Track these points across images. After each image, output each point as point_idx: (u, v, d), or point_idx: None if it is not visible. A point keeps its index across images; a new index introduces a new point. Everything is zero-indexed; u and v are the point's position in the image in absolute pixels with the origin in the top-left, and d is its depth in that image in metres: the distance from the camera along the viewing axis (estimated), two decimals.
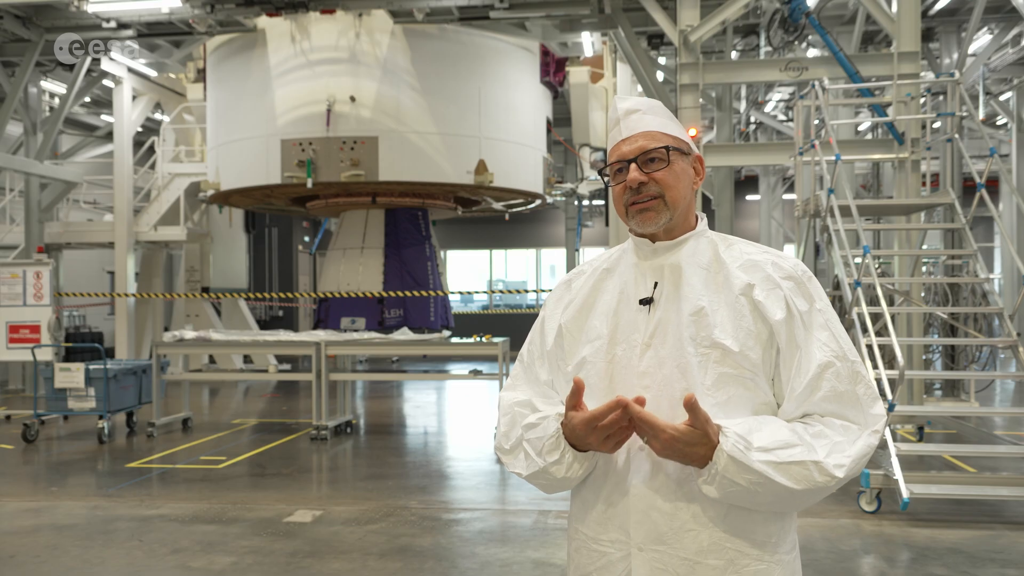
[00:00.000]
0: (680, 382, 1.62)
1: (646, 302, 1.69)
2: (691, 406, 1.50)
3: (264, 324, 21.15)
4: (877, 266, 8.21)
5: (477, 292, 25.04)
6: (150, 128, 18.09)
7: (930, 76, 11.58)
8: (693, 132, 9.02)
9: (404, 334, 10.13)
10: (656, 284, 1.70)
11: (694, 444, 1.52)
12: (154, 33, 12.51)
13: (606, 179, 1.76)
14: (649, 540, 1.61)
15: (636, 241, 1.76)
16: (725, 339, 1.62)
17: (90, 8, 11.27)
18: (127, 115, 15.02)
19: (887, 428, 6.38)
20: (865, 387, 1.62)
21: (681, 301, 1.67)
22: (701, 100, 9.86)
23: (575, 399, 1.60)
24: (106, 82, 15.01)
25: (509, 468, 1.76)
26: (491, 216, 18.65)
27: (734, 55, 12.48)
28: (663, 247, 1.72)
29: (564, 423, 1.63)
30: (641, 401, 1.55)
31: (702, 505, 1.60)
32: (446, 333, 12.08)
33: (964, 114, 8.42)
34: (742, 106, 16.30)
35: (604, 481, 1.67)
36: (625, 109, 1.75)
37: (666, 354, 1.64)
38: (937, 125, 12.47)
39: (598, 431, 1.56)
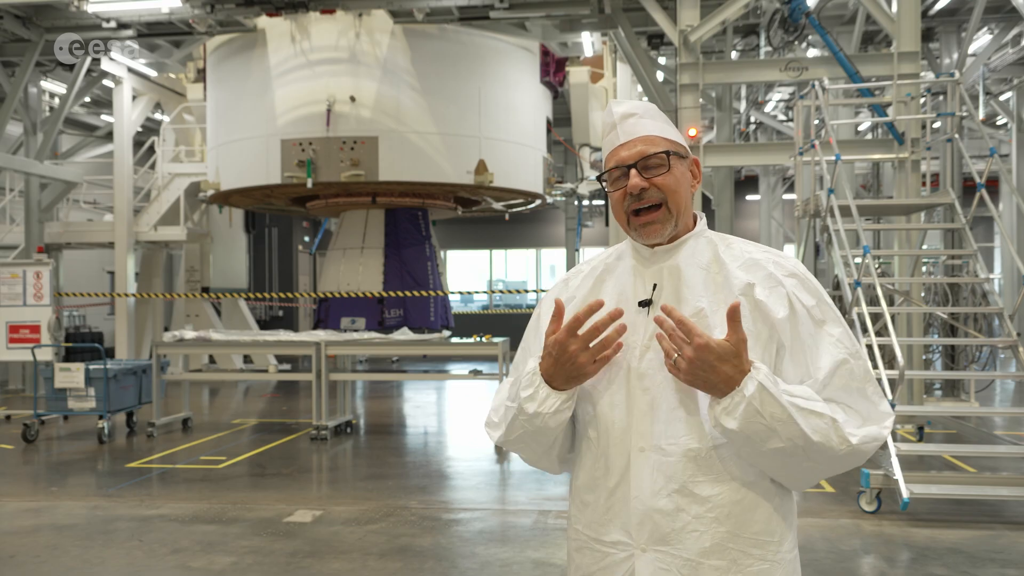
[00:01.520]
0: (678, 383, 1.62)
1: (645, 304, 1.69)
2: (733, 316, 1.50)
3: (264, 324, 21.15)
4: (877, 266, 8.21)
5: (477, 292, 25.05)
6: (150, 128, 18.09)
7: (930, 76, 11.58)
8: (693, 132, 9.02)
9: (404, 334, 10.13)
10: (655, 286, 1.70)
11: (724, 360, 1.51)
12: (154, 33, 12.51)
13: (604, 185, 1.75)
14: (652, 541, 1.62)
15: (635, 245, 1.75)
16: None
17: (90, 8, 11.27)
18: (127, 115, 15.02)
19: None
20: (874, 387, 1.64)
21: (680, 303, 1.67)
22: (701, 100, 9.86)
23: (556, 322, 1.62)
24: (106, 82, 15.01)
25: (493, 439, 1.78)
26: (491, 216, 18.65)
27: (734, 55, 12.48)
28: (662, 250, 1.72)
29: (544, 354, 1.64)
30: (618, 313, 1.59)
31: (704, 507, 1.60)
32: (446, 333, 12.08)
33: (964, 114, 8.41)
34: (742, 106, 16.30)
35: (605, 482, 1.67)
36: (621, 113, 1.74)
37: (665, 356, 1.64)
38: (937, 125, 12.47)
39: (580, 339, 1.58)
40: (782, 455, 1.54)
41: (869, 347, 6.52)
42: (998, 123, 18.26)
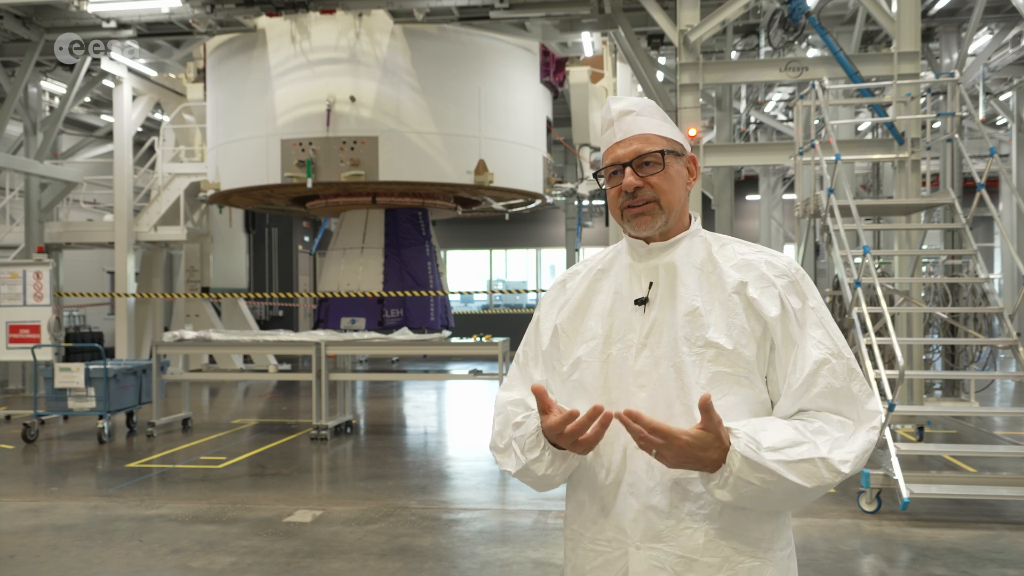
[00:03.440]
0: (675, 382, 1.63)
1: (641, 302, 1.70)
2: (706, 407, 1.49)
3: (264, 324, 21.15)
4: (877, 266, 8.20)
5: (477, 292, 25.04)
6: (150, 128, 18.09)
7: (930, 76, 11.58)
8: (693, 132, 9.02)
9: (404, 334, 10.13)
10: (651, 284, 1.71)
11: (707, 448, 1.51)
12: (154, 33, 12.51)
13: (601, 181, 1.76)
14: (646, 538, 1.62)
15: (631, 242, 1.76)
16: (719, 338, 1.62)
17: (90, 8, 11.28)
18: (127, 115, 15.02)
19: (888, 428, 6.38)
20: (860, 384, 1.63)
21: (676, 301, 1.67)
22: (701, 100, 9.87)
23: (542, 403, 1.61)
24: (106, 82, 15.01)
25: (501, 467, 1.77)
26: (491, 216, 18.65)
27: (734, 55, 12.48)
28: (657, 248, 1.72)
29: (542, 422, 1.65)
30: (597, 412, 1.54)
31: (698, 504, 1.61)
32: (446, 333, 12.08)
33: (964, 114, 8.41)
34: (742, 106, 16.30)
35: (600, 481, 1.68)
36: (619, 110, 1.74)
37: (661, 354, 1.65)
38: (937, 125, 12.47)
39: (564, 437, 1.58)
40: (782, 503, 1.60)
41: (869, 347, 6.52)
42: (998, 123, 18.25)
